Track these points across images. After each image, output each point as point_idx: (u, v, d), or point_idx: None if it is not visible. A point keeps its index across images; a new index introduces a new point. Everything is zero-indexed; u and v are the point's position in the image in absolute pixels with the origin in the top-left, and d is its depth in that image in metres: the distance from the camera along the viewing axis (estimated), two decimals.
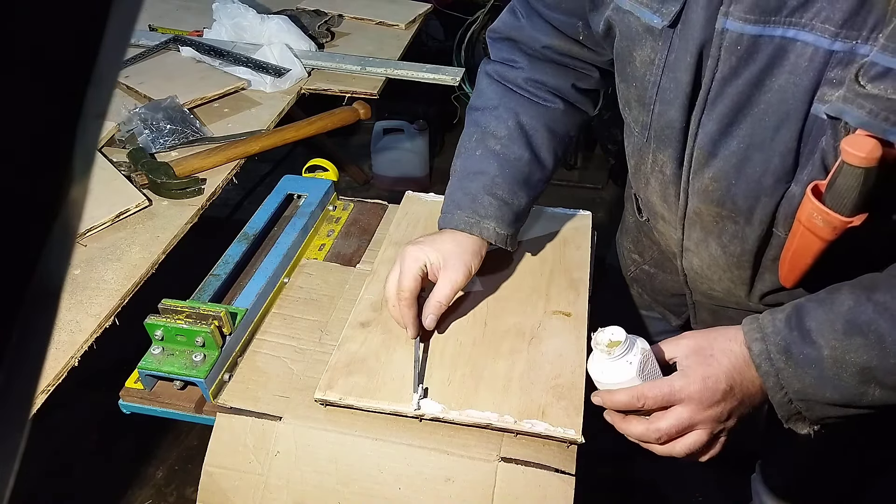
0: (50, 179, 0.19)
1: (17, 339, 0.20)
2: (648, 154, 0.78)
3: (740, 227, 0.73)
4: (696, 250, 0.82)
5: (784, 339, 0.65)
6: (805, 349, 0.63)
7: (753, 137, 0.65)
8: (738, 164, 0.68)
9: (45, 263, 0.20)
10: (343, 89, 1.50)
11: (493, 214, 0.85)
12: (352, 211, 1.15)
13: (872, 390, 0.62)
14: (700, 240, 0.80)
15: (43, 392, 0.79)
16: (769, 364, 0.65)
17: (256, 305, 0.92)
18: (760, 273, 0.78)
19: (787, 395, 0.65)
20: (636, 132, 0.79)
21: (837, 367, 0.62)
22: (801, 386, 0.64)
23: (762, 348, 0.66)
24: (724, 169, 0.69)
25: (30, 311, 0.20)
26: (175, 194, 1.12)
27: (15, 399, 0.21)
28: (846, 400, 0.63)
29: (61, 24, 0.18)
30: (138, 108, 1.28)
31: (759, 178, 0.67)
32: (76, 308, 0.90)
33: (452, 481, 0.74)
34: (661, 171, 0.77)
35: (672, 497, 1.63)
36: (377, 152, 2.68)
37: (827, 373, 0.63)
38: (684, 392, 0.66)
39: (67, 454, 1.66)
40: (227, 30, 1.62)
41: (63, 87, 0.19)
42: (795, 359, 0.64)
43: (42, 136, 0.19)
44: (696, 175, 0.73)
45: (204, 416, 0.83)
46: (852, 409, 0.65)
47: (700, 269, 0.84)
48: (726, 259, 0.78)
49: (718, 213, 0.74)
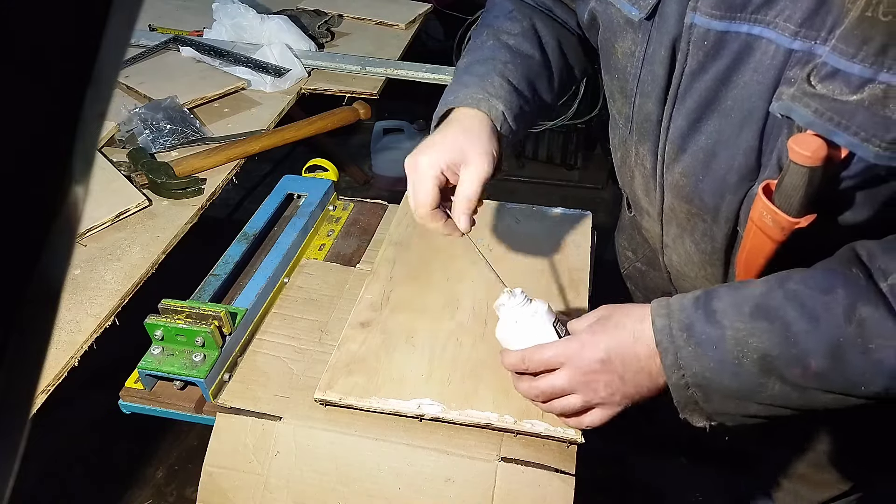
0: (50, 179, 0.19)
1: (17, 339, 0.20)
2: (632, 147, 0.78)
3: (708, 226, 0.73)
4: (673, 246, 0.82)
5: (688, 317, 0.62)
6: (708, 329, 0.61)
7: (720, 134, 0.65)
8: (704, 160, 0.68)
9: (45, 263, 0.20)
10: (343, 89, 1.50)
11: (502, 96, 0.76)
12: (352, 211, 1.15)
13: (773, 383, 0.59)
14: (676, 236, 0.80)
15: (43, 392, 0.79)
16: (669, 340, 0.62)
17: (256, 305, 0.92)
18: (731, 272, 0.78)
19: (684, 378, 0.62)
20: (620, 124, 0.79)
21: (739, 350, 0.59)
22: (700, 368, 0.61)
23: (664, 324, 0.63)
24: (693, 165, 0.69)
25: (30, 311, 0.20)
26: (175, 194, 1.12)
27: (15, 399, 0.21)
28: (745, 390, 0.61)
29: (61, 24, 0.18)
30: (138, 108, 1.28)
31: (724, 176, 0.67)
32: (76, 308, 0.90)
33: (452, 481, 0.74)
34: (642, 164, 0.77)
35: (672, 497, 1.63)
36: (377, 152, 2.68)
37: (727, 356, 0.60)
38: (563, 356, 0.67)
39: (67, 454, 1.65)
40: (227, 30, 1.62)
41: (63, 87, 0.19)
42: (697, 338, 0.61)
43: (42, 136, 0.19)
44: (668, 170, 0.73)
45: (204, 416, 0.83)
46: (752, 406, 0.62)
47: (679, 265, 0.85)
48: (700, 256, 0.79)
49: (689, 210, 0.74)
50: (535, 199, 2.66)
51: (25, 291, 0.20)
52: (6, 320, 0.20)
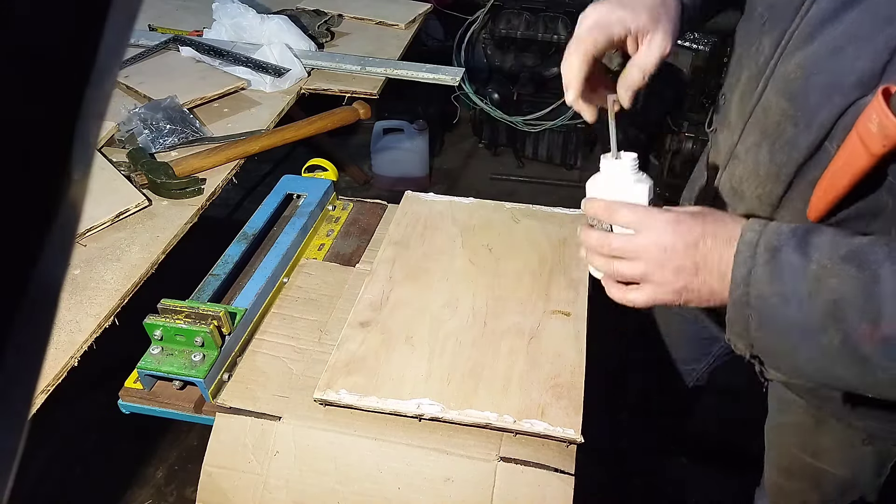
0: (49, 179, 0.19)
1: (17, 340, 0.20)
2: (756, 41, 0.75)
3: (798, 132, 0.69)
4: (744, 158, 0.78)
5: (779, 241, 0.59)
6: (794, 257, 0.58)
7: (859, 27, 0.61)
8: (829, 53, 0.64)
9: (45, 263, 0.20)
10: (343, 89, 1.50)
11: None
12: (351, 211, 1.15)
13: (833, 334, 0.56)
14: (753, 144, 0.76)
15: (43, 392, 0.79)
16: (750, 254, 0.60)
17: (256, 305, 0.92)
18: (789, 195, 0.74)
19: (747, 295, 0.59)
20: (757, 14, 0.76)
21: (815, 286, 0.56)
22: (767, 291, 0.58)
23: (753, 238, 0.60)
24: (815, 56, 0.66)
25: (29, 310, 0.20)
26: (175, 194, 1.12)
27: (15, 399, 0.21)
28: (803, 330, 0.58)
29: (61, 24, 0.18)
30: (138, 108, 1.28)
31: (841, 77, 0.63)
32: (76, 308, 0.90)
33: (452, 481, 0.74)
34: (756, 57, 0.74)
35: (672, 497, 1.64)
36: (377, 152, 2.68)
37: (801, 287, 0.57)
38: (651, 222, 0.64)
39: (67, 454, 1.65)
40: (226, 30, 1.62)
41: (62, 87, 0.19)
42: (779, 262, 0.58)
43: (41, 136, 0.19)
44: (784, 59, 0.70)
45: (203, 416, 0.83)
46: (801, 355, 0.59)
47: (739, 180, 0.80)
48: (768, 169, 0.75)
49: (785, 110, 0.71)
50: (534, 198, 2.66)
51: (25, 291, 0.20)
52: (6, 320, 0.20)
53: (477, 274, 0.95)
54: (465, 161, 2.88)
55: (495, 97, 2.72)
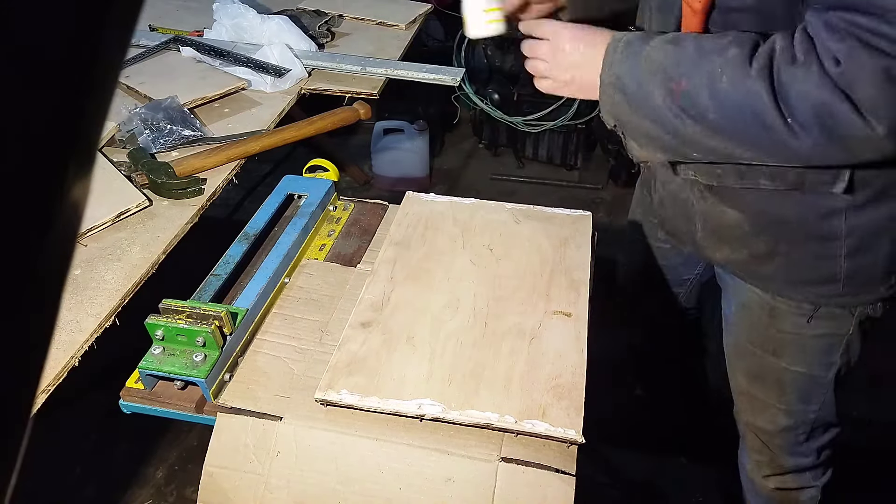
0: (51, 179, 0.19)
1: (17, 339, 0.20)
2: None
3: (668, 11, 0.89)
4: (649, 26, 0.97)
5: (634, 38, 0.82)
6: (638, 45, 0.81)
7: None
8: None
9: (46, 263, 0.20)
10: (343, 89, 1.50)
11: None
12: (352, 211, 1.15)
13: (658, 92, 0.77)
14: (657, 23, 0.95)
15: (43, 392, 0.79)
16: (615, 47, 0.83)
17: (257, 305, 0.92)
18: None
19: (611, 76, 0.82)
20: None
21: (646, 61, 0.79)
22: (620, 70, 0.81)
23: (619, 37, 0.83)
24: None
25: (30, 310, 0.20)
26: (175, 194, 1.12)
27: (15, 399, 0.21)
28: (640, 94, 0.79)
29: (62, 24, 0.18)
30: (138, 108, 1.28)
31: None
32: (76, 308, 0.90)
33: (452, 481, 0.74)
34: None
35: (672, 497, 1.63)
36: (377, 152, 2.68)
37: (639, 62, 0.79)
38: (555, 32, 0.88)
39: (67, 454, 1.65)
40: (227, 30, 1.62)
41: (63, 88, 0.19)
42: (631, 48, 0.81)
43: (43, 137, 0.19)
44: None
45: (204, 416, 0.83)
46: (645, 121, 0.81)
47: None
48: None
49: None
50: (535, 199, 2.66)
51: (26, 291, 0.20)
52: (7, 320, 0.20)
53: (478, 274, 0.95)
54: (466, 161, 2.88)
55: (495, 97, 2.72)
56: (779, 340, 1.03)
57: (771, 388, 1.09)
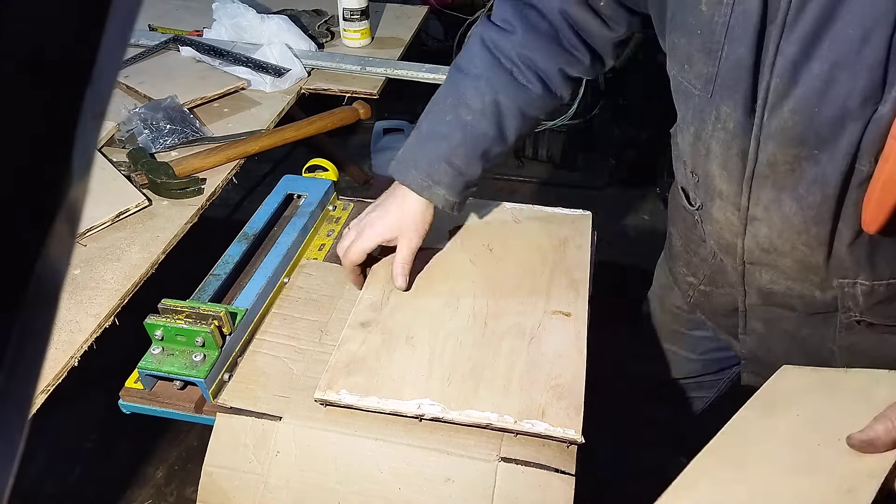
0: (49, 179, 0.19)
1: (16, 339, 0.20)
2: (711, 113, 0.75)
3: (822, 168, 0.69)
4: (764, 217, 0.77)
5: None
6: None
7: (838, 54, 0.62)
8: (821, 87, 0.64)
9: (45, 263, 0.20)
10: (343, 89, 1.50)
11: (446, 182, 0.90)
12: (352, 211, 1.15)
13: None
14: (771, 200, 0.75)
15: (43, 392, 0.79)
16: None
17: (256, 305, 0.92)
18: (840, 228, 0.73)
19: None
20: (697, 91, 0.75)
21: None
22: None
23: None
24: (807, 96, 0.65)
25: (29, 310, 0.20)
26: (175, 194, 1.12)
27: (15, 399, 0.21)
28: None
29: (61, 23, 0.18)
30: (138, 108, 1.28)
31: (845, 102, 0.63)
32: (76, 308, 0.90)
33: (452, 481, 0.74)
34: (724, 128, 0.74)
35: None
36: (377, 152, 2.68)
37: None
38: None
39: (67, 454, 1.65)
40: (226, 29, 1.62)
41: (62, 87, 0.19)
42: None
43: (42, 136, 0.19)
44: (772, 112, 0.69)
45: (204, 416, 0.83)
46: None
47: (769, 241, 0.79)
48: (803, 215, 0.74)
49: (797, 154, 0.70)
50: (535, 199, 2.66)
51: (25, 291, 0.20)
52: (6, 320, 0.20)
53: (477, 274, 0.95)
54: None
55: None
56: None
57: None
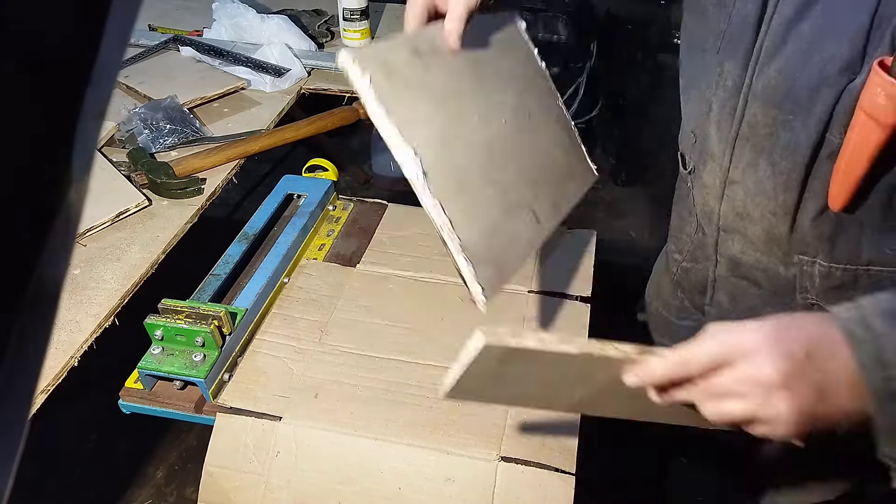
0: (49, 179, 0.19)
1: (16, 339, 0.20)
2: (715, 70, 0.76)
3: (795, 134, 0.69)
4: (741, 179, 0.78)
5: (889, 303, 0.49)
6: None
7: (826, 20, 0.63)
8: (806, 50, 0.65)
9: (45, 263, 0.20)
10: (343, 89, 1.50)
11: None
12: (352, 211, 1.15)
13: None
14: (749, 163, 0.76)
15: (43, 392, 0.79)
16: (863, 328, 0.48)
17: (256, 305, 0.92)
18: (806, 196, 0.73)
19: (889, 380, 0.47)
20: (708, 47, 0.77)
21: None
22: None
23: (854, 315, 0.49)
24: (792, 58, 0.67)
25: (29, 310, 0.20)
26: (175, 194, 1.12)
27: (15, 399, 0.21)
28: None
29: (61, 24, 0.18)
30: (138, 108, 1.28)
31: (824, 67, 0.64)
32: (76, 308, 0.90)
33: (452, 481, 0.74)
34: (724, 86, 0.75)
35: (672, 497, 1.63)
36: (377, 152, 2.68)
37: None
38: (741, 348, 0.50)
39: (67, 454, 1.65)
40: (226, 29, 1.62)
41: (62, 87, 0.19)
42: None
43: (42, 136, 0.19)
44: (760, 71, 0.70)
45: (204, 416, 0.83)
46: None
47: (743, 205, 0.79)
48: (774, 181, 0.74)
49: (775, 118, 0.71)
50: None
51: (25, 291, 0.20)
52: (6, 320, 0.20)
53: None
54: None
55: None
56: None
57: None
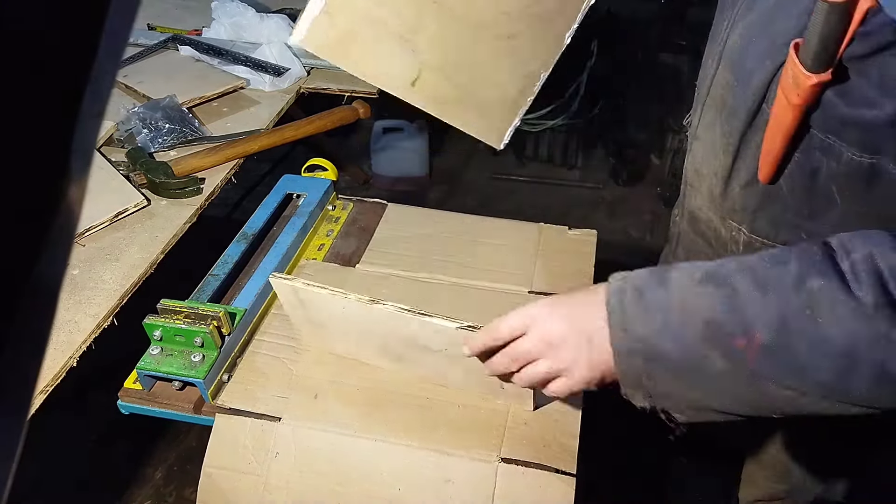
0: (48, 179, 0.19)
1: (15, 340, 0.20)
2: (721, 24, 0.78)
3: (737, 101, 0.72)
4: (703, 137, 0.82)
5: (642, 281, 0.60)
6: (658, 292, 0.58)
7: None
8: (763, 21, 0.68)
9: (44, 263, 0.20)
10: (343, 88, 1.50)
11: None
12: (351, 210, 1.15)
13: (716, 358, 0.55)
14: (709, 123, 0.79)
15: (42, 392, 0.79)
16: (618, 300, 0.59)
17: (255, 306, 0.91)
18: (738, 164, 0.75)
19: (628, 340, 0.59)
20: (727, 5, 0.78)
21: (684, 315, 0.56)
22: (644, 331, 0.58)
23: (619, 286, 0.61)
24: (752, 25, 0.69)
25: (28, 310, 0.20)
26: (174, 194, 1.12)
27: (14, 399, 0.21)
28: (688, 362, 0.57)
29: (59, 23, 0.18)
30: (137, 108, 1.27)
31: (774, 38, 0.66)
32: (75, 308, 0.90)
33: (452, 482, 0.74)
34: (719, 39, 0.77)
35: (672, 497, 1.63)
36: (377, 152, 2.68)
37: (672, 318, 0.57)
38: (528, 317, 0.64)
39: (66, 454, 1.65)
40: (225, 29, 1.62)
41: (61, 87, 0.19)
42: (646, 301, 0.58)
43: (40, 136, 0.19)
44: (730, 34, 0.73)
45: (203, 417, 0.83)
46: (697, 390, 0.58)
47: (700, 161, 0.83)
48: (719, 142, 0.77)
49: (728, 82, 0.73)
50: (535, 198, 2.66)
51: (23, 291, 0.19)
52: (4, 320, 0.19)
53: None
54: (466, 161, 2.88)
55: None
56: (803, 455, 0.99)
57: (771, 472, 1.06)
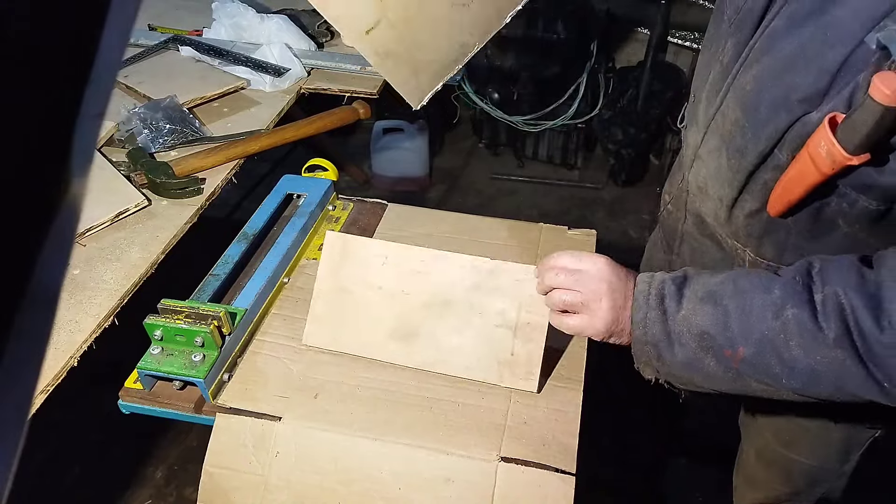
0: (49, 179, 0.19)
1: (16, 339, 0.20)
2: (722, 43, 0.78)
3: (746, 141, 0.74)
4: (706, 159, 0.83)
5: (665, 288, 0.71)
6: (672, 304, 0.70)
7: (807, 46, 0.64)
8: (780, 69, 0.67)
9: (44, 263, 0.20)
10: (343, 89, 1.50)
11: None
12: (351, 211, 1.15)
13: (709, 360, 0.68)
14: (714, 148, 0.80)
15: (42, 392, 0.79)
16: (644, 300, 0.72)
17: (256, 305, 0.92)
18: (742, 197, 0.79)
19: (645, 335, 0.71)
20: (726, 17, 0.78)
21: (685, 327, 0.68)
22: (658, 332, 0.70)
23: (645, 289, 0.72)
24: (768, 70, 0.69)
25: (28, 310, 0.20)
26: (174, 194, 1.12)
27: (14, 399, 0.21)
28: (688, 361, 0.69)
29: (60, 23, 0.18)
30: (137, 108, 1.27)
31: (789, 93, 0.66)
32: (75, 308, 0.90)
33: (452, 481, 0.74)
34: (721, 61, 0.77)
35: (672, 497, 1.63)
36: (377, 152, 2.68)
37: (676, 329, 0.69)
38: (589, 260, 0.76)
39: (67, 454, 1.65)
40: (226, 29, 1.62)
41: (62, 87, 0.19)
42: (664, 308, 0.70)
43: (41, 136, 0.19)
44: (744, 70, 0.73)
45: (203, 417, 0.83)
46: (697, 377, 0.70)
47: (704, 180, 0.85)
48: (725, 173, 0.79)
49: (738, 119, 0.74)
50: (535, 198, 2.66)
51: (24, 291, 0.20)
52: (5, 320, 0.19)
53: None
54: (466, 161, 2.88)
55: (495, 97, 2.72)
56: (796, 435, 0.99)
57: (776, 472, 1.06)
